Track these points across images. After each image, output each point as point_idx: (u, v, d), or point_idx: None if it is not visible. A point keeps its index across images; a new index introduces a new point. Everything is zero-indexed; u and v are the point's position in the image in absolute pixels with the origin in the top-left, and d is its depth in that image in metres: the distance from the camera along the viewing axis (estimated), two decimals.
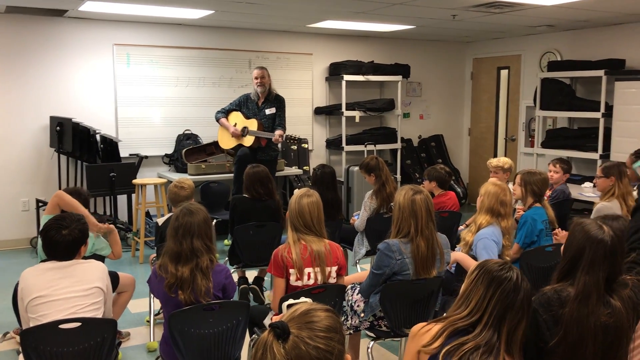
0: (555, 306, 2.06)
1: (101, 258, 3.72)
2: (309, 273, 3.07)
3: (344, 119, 7.87)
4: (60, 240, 2.74)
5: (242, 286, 4.74)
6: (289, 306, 1.40)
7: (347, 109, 7.87)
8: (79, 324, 2.51)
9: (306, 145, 7.92)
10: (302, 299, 1.43)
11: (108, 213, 6.69)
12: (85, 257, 3.02)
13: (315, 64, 8.05)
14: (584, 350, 1.99)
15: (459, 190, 8.66)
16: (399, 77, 8.17)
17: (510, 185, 5.12)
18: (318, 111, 8.11)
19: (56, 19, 6.48)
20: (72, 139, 6.18)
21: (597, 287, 2.05)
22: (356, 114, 7.93)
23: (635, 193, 4.57)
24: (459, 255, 3.56)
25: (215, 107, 6.59)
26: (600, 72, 6.81)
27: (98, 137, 6.54)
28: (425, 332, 1.95)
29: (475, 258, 3.47)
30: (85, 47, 6.67)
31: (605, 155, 6.75)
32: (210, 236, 2.81)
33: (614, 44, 7.19)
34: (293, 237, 3.09)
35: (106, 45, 6.76)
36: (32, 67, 6.44)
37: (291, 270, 3.05)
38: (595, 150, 6.94)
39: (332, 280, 3.15)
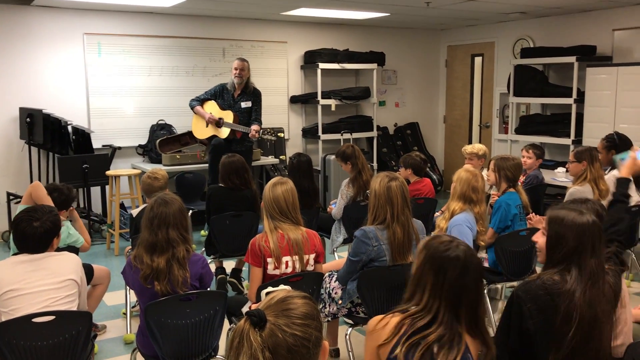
0: (542, 293, 2.05)
1: (75, 250, 3.67)
2: (286, 262, 3.07)
3: (319, 108, 7.85)
4: (32, 232, 2.69)
5: (219, 276, 4.72)
6: (268, 294, 1.39)
7: (322, 98, 7.85)
8: (52, 317, 2.47)
9: (282, 135, 7.89)
10: (282, 286, 1.42)
11: (81, 205, 6.59)
12: (59, 249, 2.97)
13: (290, 52, 8.00)
14: (599, 334, 2.02)
15: (434, 177, 8.72)
16: (374, 65, 8.17)
17: (485, 172, 5.18)
18: (294, 100, 8.08)
19: (23, 8, 6.32)
20: (42, 130, 6.06)
21: (602, 267, 2.10)
22: (332, 102, 7.92)
23: (606, 177, 4.65)
24: None
25: (189, 96, 6.51)
26: (572, 59, 6.89)
27: (70, 129, 6.42)
28: (382, 328, 1.89)
29: None
30: (55, 37, 6.53)
31: (578, 141, 6.85)
32: (186, 226, 2.78)
33: (585, 30, 7.28)
34: (269, 225, 3.08)
35: (76, 34, 6.62)
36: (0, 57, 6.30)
37: (269, 260, 3.04)
38: (568, 135, 7.04)
39: (310, 268, 3.15)
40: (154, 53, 7.04)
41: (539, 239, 2.25)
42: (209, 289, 2.97)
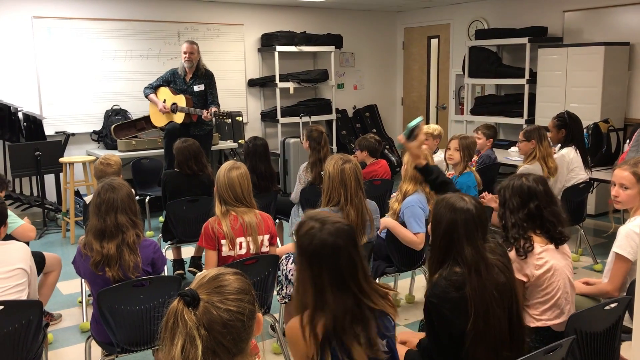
0: (453, 291, 2.03)
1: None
2: (240, 243, 3.08)
3: (278, 91, 7.82)
4: None
5: (176, 272, 4.67)
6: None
7: (280, 81, 7.82)
8: (1, 307, 2.42)
9: (240, 119, 7.84)
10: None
11: (35, 194, 6.44)
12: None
13: (247, 35, 7.93)
14: (492, 318, 2.00)
15: (393, 159, 8.81)
16: (331, 48, 8.17)
17: (441, 152, 5.26)
18: (251, 83, 8.03)
19: None
20: None
21: (482, 254, 2.07)
22: (290, 85, 7.89)
23: (555, 156, 4.78)
24: (389, 222, 3.64)
25: (144, 80, 6.41)
26: (524, 40, 7.03)
27: (20, 115, 6.25)
28: (301, 341, 1.84)
29: (403, 224, 3.56)
30: (1, 21, 6.31)
31: (530, 121, 7.01)
32: (135, 211, 2.76)
33: (536, 11, 7.42)
34: (221, 209, 3.07)
35: (24, 18, 6.42)
36: None
37: (223, 241, 3.05)
38: (521, 115, 7.19)
39: (265, 249, 3.17)
40: (107, 37, 6.88)
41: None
42: (163, 274, 2.96)
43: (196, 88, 6.03)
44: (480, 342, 1.99)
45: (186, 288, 1.29)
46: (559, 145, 5.03)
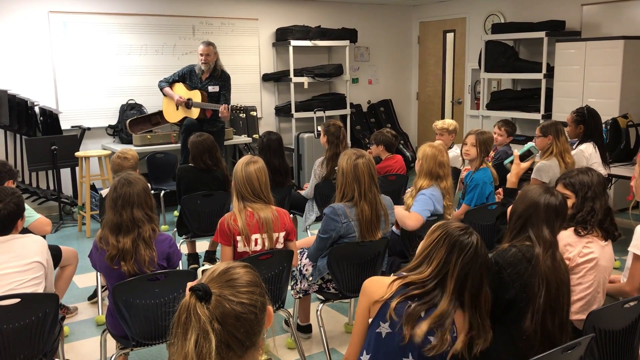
0: (522, 261, 2.13)
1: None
2: (256, 239, 3.07)
3: (292, 86, 7.81)
4: None
5: (191, 266, 4.69)
6: (204, 272, 1.41)
7: (295, 75, 7.80)
8: (18, 300, 2.44)
9: (255, 113, 7.84)
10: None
11: (51, 187, 6.50)
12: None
13: (261, 29, 7.92)
14: (563, 298, 2.12)
15: (408, 154, 8.76)
16: (346, 42, 8.13)
17: (456, 147, 5.22)
18: (266, 78, 8.02)
19: None
20: (8, 111, 5.94)
21: (557, 242, 2.21)
22: (305, 80, 7.87)
23: (574, 152, 4.71)
24: (396, 210, 3.56)
25: (159, 75, 6.42)
26: (541, 34, 6.94)
27: (37, 109, 6.30)
28: (381, 286, 1.98)
29: None
30: (18, 16, 6.35)
31: (547, 116, 6.93)
32: (150, 206, 2.76)
33: (554, 5, 7.33)
34: (239, 206, 3.06)
35: (40, 13, 6.46)
36: None
37: (238, 238, 3.04)
38: (538, 110, 7.12)
39: (280, 246, 3.15)
40: (122, 32, 6.91)
41: None
42: (178, 269, 2.97)
43: (210, 88, 6.02)
44: (551, 315, 2.09)
45: (196, 283, 1.28)
46: (577, 141, 4.97)
